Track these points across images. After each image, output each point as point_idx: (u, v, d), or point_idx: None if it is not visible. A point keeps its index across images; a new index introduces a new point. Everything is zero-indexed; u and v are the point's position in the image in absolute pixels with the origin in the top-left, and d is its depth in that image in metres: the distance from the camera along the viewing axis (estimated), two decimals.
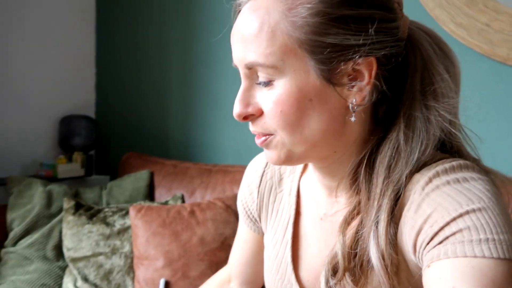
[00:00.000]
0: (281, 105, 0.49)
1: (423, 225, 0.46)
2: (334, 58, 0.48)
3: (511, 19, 1.25)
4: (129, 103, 2.03)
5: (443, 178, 0.47)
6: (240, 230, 0.76)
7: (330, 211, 0.59)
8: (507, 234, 0.43)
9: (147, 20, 1.95)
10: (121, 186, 1.65)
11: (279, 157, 0.53)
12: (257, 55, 0.49)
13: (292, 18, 0.47)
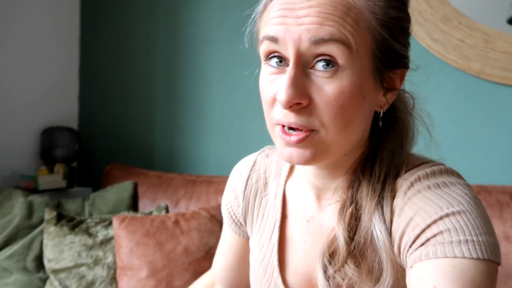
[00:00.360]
0: (343, 97, 0.47)
1: (406, 228, 0.48)
2: (390, 63, 0.50)
3: (483, 36, 1.32)
4: (112, 114, 2.02)
5: (424, 183, 0.50)
6: (224, 234, 0.76)
7: (318, 213, 0.60)
8: (486, 236, 0.45)
9: (131, 31, 1.97)
10: (104, 197, 1.63)
11: (313, 155, 0.50)
12: (340, 32, 0.46)
13: (376, 14, 0.48)
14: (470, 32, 1.34)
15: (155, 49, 1.91)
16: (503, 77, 1.30)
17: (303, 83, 0.48)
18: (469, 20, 1.34)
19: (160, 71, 1.90)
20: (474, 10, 1.34)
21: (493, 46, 1.31)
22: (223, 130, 1.76)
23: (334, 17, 0.46)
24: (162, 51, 1.89)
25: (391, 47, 0.49)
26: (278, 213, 0.64)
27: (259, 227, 0.67)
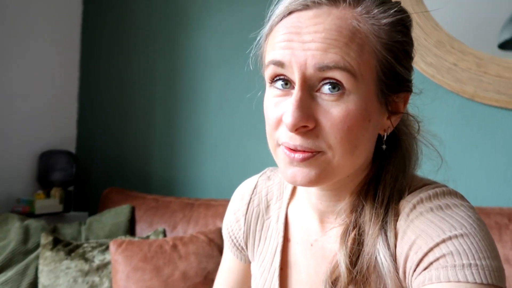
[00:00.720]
0: (349, 120, 0.47)
1: (409, 252, 0.48)
2: (394, 87, 0.51)
3: (475, 60, 1.35)
4: (111, 138, 2.03)
5: (426, 205, 0.49)
6: (225, 258, 0.75)
7: (321, 237, 0.59)
8: (490, 260, 0.44)
9: (131, 56, 1.99)
10: (101, 221, 1.61)
11: (318, 176, 0.49)
12: (345, 59, 0.46)
13: (381, 38, 0.48)
14: (463, 56, 1.37)
15: (154, 73, 1.93)
16: (497, 99, 1.33)
17: (309, 106, 0.48)
18: (461, 44, 1.37)
19: (159, 94, 1.92)
20: (466, 35, 1.37)
21: (486, 69, 1.34)
22: (221, 153, 1.77)
23: (339, 43, 0.46)
24: (162, 75, 1.92)
25: (396, 70, 0.50)
26: (280, 237, 0.63)
27: (261, 251, 0.66)
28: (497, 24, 1.34)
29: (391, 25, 0.50)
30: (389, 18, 0.49)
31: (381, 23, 0.49)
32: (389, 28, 0.49)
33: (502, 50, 1.33)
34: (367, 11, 0.49)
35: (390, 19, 0.49)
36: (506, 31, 1.33)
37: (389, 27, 0.49)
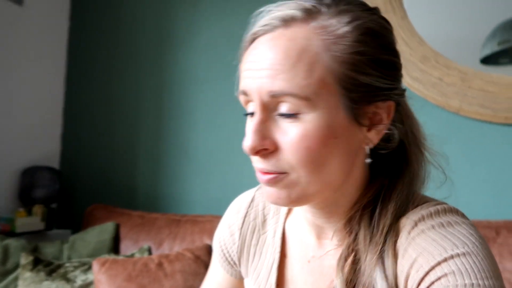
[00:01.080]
0: (308, 140, 0.47)
1: (410, 270, 0.46)
2: (365, 98, 0.48)
3: (460, 74, 1.37)
4: (96, 153, 1.99)
5: (428, 223, 0.48)
6: (212, 273, 0.73)
7: (319, 253, 0.58)
8: (492, 280, 0.43)
9: (118, 71, 1.98)
10: (84, 239, 1.57)
11: (288, 198, 0.50)
12: (291, 85, 0.46)
13: (334, 52, 0.47)
14: (448, 71, 1.39)
15: (141, 89, 1.92)
16: (481, 113, 1.34)
17: (269, 128, 0.48)
18: (446, 60, 1.39)
19: (145, 110, 1.90)
20: (450, 51, 1.40)
21: (470, 84, 1.36)
22: (208, 169, 1.75)
23: (285, 67, 0.46)
24: (149, 90, 1.90)
25: (360, 82, 0.47)
26: (277, 252, 0.62)
27: (255, 267, 0.65)
28: (480, 40, 1.36)
29: (349, 35, 0.47)
30: (346, 27, 0.47)
31: (336, 35, 0.47)
32: (346, 39, 0.47)
33: (484, 65, 1.35)
34: (321, 25, 0.48)
35: (347, 29, 0.47)
36: (487, 47, 1.36)
37: (346, 38, 0.47)
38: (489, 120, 1.34)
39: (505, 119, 1.32)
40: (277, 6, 0.50)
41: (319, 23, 0.48)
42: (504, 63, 1.36)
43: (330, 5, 0.49)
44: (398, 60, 0.52)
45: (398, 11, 1.46)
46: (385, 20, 0.52)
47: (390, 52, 0.50)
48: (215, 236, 0.71)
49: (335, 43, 0.47)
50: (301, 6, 0.49)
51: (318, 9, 0.49)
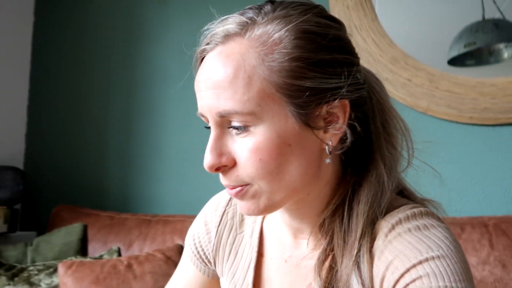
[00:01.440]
0: (260, 152, 0.47)
1: (386, 272, 0.47)
2: (312, 101, 0.47)
3: (428, 75, 1.41)
4: (62, 152, 1.93)
5: (404, 226, 0.49)
6: (182, 270, 0.71)
7: (296, 253, 0.58)
8: (465, 283, 0.44)
9: (86, 68, 1.92)
10: (49, 241, 1.51)
11: (258, 207, 0.51)
12: (233, 103, 0.47)
13: (270, 63, 0.46)
14: (416, 72, 1.42)
15: (110, 86, 1.87)
16: (448, 113, 1.38)
17: (225, 144, 0.49)
18: (414, 61, 1.43)
19: (115, 108, 1.86)
20: (419, 52, 1.43)
21: (437, 85, 1.40)
22: (180, 168, 1.72)
23: (225, 85, 0.47)
24: (118, 88, 1.86)
25: (302, 87, 0.47)
26: (254, 252, 0.61)
27: (231, 266, 0.64)
28: (448, 42, 1.41)
29: (284, 42, 0.47)
30: (280, 34, 0.47)
31: (271, 43, 0.47)
32: (281, 46, 0.46)
33: (451, 66, 1.40)
34: (256, 35, 0.47)
35: (281, 35, 0.47)
36: (454, 48, 1.40)
37: (281, 45, 0.47)
38: (455, 120, 1.38)
39: (470, 119, 1.37)
40: (219, 22, 0.50)
41: (254, 34, 0.47)
42: (469, 65, 1.40)
43: (268, 12, 0.49)
44: (347, 55, 0.50)
45: (369, 12, 1.49)
46: (327, 18, 0.50)
47: (334, 49, 0.49)
48: (188, 233, 0.70)
49: (270, 52, 0.47)
50: (238, 20, 0.49)
51: (254, 20, 0.48)
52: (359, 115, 0.52)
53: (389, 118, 0.55)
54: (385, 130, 0.54)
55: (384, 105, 0.55)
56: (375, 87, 0.55)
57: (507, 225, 1.13)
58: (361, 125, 0.52)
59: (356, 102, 0.51)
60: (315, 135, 0.49)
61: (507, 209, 1.30)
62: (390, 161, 0.53)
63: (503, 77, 1.36)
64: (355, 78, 0.50)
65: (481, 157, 1.37)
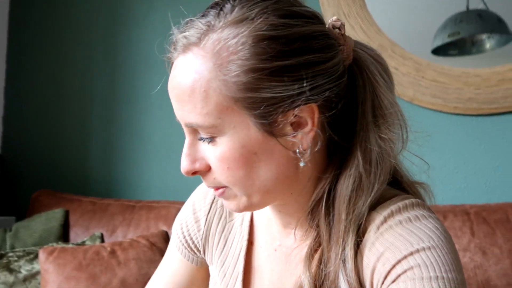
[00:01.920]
0: (226, 161, 0.47)
1: (376, 264, 0.47)
2: (272, 111, 0.46)
3: (415, 65, 1.42)
4: (42, 136, 1.88)
5: (396, 218, 0.49)
6: (168, 259, 0.70)
7: (285, 242, 0.58)
8: (455, 273, 0.45)
9: (66, 49, 1.86)
10: (29, 227, 1.48)
11: (238, 207, 0.52)
12: (194, 117, 0.47)
13: (223, 76, 0.45)
14: (403, 61, 1.43)
15: (91, 69, 1.82)
16: (433, 103, 1.40)
17: (199, 150, 0.50)
18: (402, 50, 1.43)
19: (97, 91, 1.81)
20: (406, 41, 1.43)
21: (423, 74, 1.41)
22: (164, 153, 1.70)
23: (185, 99, 0.47)
24: (100, 71, 1.81)
25: (260, 98, 0.45)
26: (245, 240, 0.61)
27: (220, 254, 0.63)
28: (433, 31, 1.41)
29: (239, 51, 0.44)
30: (235, 41, 0.45)
31: (226, 53, 0.45)
32: (236, 57, 0.44)
33: (435, 55, 1.41)
34: (212, 44, 0.45)
35: (236, 42, 0.44)
36: (438, 38, 1.41)
37: (237, 55, 0.45)
38: (439, 110, 1.40)
39: (454, 108, 1.39)
40: (183, 26, 0.49)
41: (210, 43, 0.46)
42: (453, 55, 1.42)
43: (226, 13, 0.46)
44: (313, 55, 0.46)
45: (358, 0, 1.48)
46: (289, 14, 0.46)
47: (294, 53, 0.45)
48: (176, 221, 0.69)
49: (225, 63, 0.45)
50: (197, 25, 0.47)
51: (211, 26, 0.46)
52: (343, 108, 0.49)
53: (382, 106, 0.51)
54: (376, 119, 0.51)
55: (376, 90, 0.51)
56: (371, 68, 0.51)
57: (488, 213, 1.16)
58: (349, 115, 0.50)
59: (331, 100, 0.48)
60: (290, 138, 0.47)
61: (488, 198, 1.33)
62: (376, 155, 0.50)
63: (488, 67, 1.38)
64: (326, 76, 0.47)
65: (464, 146, 1.40)
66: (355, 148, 0.50)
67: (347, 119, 0.51)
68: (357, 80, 0.51)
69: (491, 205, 1.21)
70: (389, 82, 0.53)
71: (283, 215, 0.57)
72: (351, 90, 0.51)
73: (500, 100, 1.36)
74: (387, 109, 0.50)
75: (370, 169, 0.49)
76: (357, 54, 0.52)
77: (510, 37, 1.35)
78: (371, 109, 0.50)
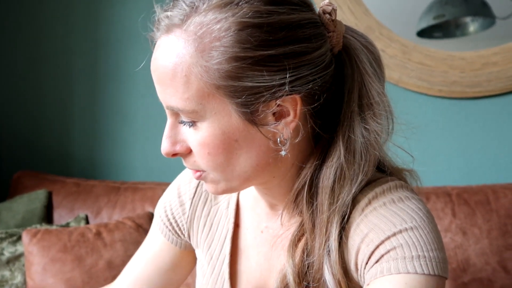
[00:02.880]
0: (206, 147, 0.47)
1: (361, 245, 0.48)
2: (254, 100, 0.45)
3: (402, 47, 1.42)
4: (23, 115, 1.82)
5: (380, 200, 0.49)
6: (150, 242, 0.69)
7: (272, 225, 0.58)
8: (437, 251, 0.46)
9: (45, 24, 1.79)
10: (11, 209, 1.45)
11: (216, 190, 0.52)
12: (175, 100, 0.46)
13: (205, 62, 0.44)
14: (390, 43, 1.42)
15: (73, 46, 1.76)
16: (419, 86, 1.41)
17: (179, 133, 0.50)
18: (389, 31, 1.43)
19: (79, 69, 1.75)
20: (394, 23, 1.43)
21: (410, 57, 1.41)
22: (149, 133, 1.68)
23: (166, 82, 0.46)
24: (82, 47, 1.75)
25: (242, 87, 0.44)
26: (231, 223, 0.61)
27: (206, 237, 0.63)
28: (419, 14, 1.41)
29: (222, 37, 0.43)
30: (219, 26, 0.43)
31: (209, 38, 0.43)
32: (220, 43, 0.43)
33: (420, 38, 1.41)
34: (195, 28, 0.44)
35: (220, 27, 0.43)
36: (423, 20, 1.41)
37: (220, 41, 0.43)
38: (425, 93, 1.41)
39: (439, 91, 1.40)
40: (165, 5, 0.48)
41: (193, 26, 0.44)
42: (437, 37, 1.42)
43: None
44: (297, 44, 0.44)
45: None
46: (277, 1, 0.45)
47: (277, 42, 0.44)
48: (159, 204, 0.68)
49: (207, 49, 0.44)
50: (181, 6, 0.45)
51: (195, 7, 0.44)
52: (323, 99, 0.48)
53: (369, 96, 0.50)
54: (361, 109, 0.49)
55: (365, 80, 0.50)
56: (360, 56, 0.50)
57: (469, 195, 1.19)
58: (335, 104, 0.49)
59: (315, 91, 0.47)
60: (266, 128, 0.47)
61: (469, 180, 1.37)
62: (360, 145, 0.49)
63: (472, 51, 1.39)
64: (311, 66, 0.46)
65: (447, 129, 1.42)
66: (338, 138, 0.49)
67: (332, 108, 0.50)
68: (345, 69, 0.50)
69: (472, 187, 1.24)
70: (379, 72, 0.52)
71: (268, 197, 0.57)
72: (339, 79, 0.50)
73: (483, 84, 1.38)
74: (373, 99, 0.49)
75: (353, 160, 0.49)
76: (348, 41, 0.50)
77: (494, 20, 1.36)
78: (357, 98, 0.49)
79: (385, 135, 0.52)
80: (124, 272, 0.70)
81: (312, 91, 0.47)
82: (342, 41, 0.50)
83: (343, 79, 0.50)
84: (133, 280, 0.67)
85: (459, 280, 1.10)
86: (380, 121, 0.50)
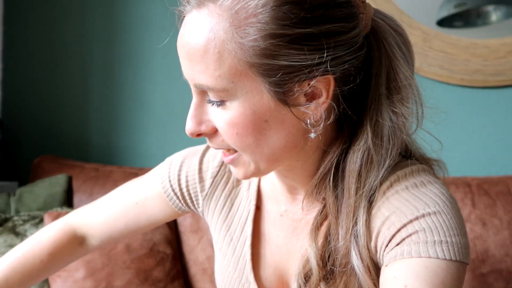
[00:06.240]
0: (235, 127, 0.46)
1: (381, 227, 0.48)
2: (288, 80, 0.44)
3: (423, 34, 1.39)
4: (42, 101, 1.85)
5: (402, 184, 0.49)
6: (145, 188, 0.68)
7: (291, 208, 0.58)
8: (459, 237, 0.45)
9: (64, 12, 1.81)
10: (33, 192, 1.49)
11: (245, 174, 0.52)
12: (205, 78, 0.45)
13: (240, 39, 0.43)
14: (411, 30, 1.40)
15: (91, 31, 1.77)
16: (440, 74, 1.38)
17: (206, 112, 0.48)
18: (410, 19, 1.40)
19: (97, 55, 1.77)
20: (415, 10, 1.40)
21: (431, 45, 1.38)
22: (166, 120, 1.69)
23: (197, 58, 0.45)
24: (99, 33, 1.76)
25: (277, 65, 0.43)
26: (252, 205, 0.61)
27: (226, 218, 0.64)
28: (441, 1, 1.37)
29: (260, 13, 0.42)
30: (255, 2, 0.42)
31: (245, 14, 0.42)
32: (256, 19, 0.42)
33: (440, 27, 1.37)
34: (228, 3, 0.43)
35: (256, 4, 0.42)
36: (444, 8, 1.37)
37: (257, 17, 0.42)
38: (446, 81, 1.39)
39: (461, 80, 1.37)
40: None
41: (228, 1, 0.43)
42: (458, 27, 1.39)
43: None
44: (334, 24, 0.44)
45: None
46: None
47: (315, 21, 0.43)
48: (173, 167, 0.67)
49: (242, 26, 0.43)
50: None
51: None
52: (357, 81, 0.48)
53: (397, 79, 0.50)
54: (389, 92, 0.50)
55: (393, 63, 0.50)
56: (388, 39, 0.50)
57: (489, 185, 1.17)
58: (362, 87, 0.49)
59: (349, 72, 0.47)
60: (303, 108, 0.47)
61: (490, 170, 1.34)
62: (388, 129, 0.49)
63: (497, 38, 1.35)
64: (346, 47, 0.45)
65: (468, 119, 1.40)
66: (366, 122, 0.49)
67: (360, 92, 0.50)
68: (373, 52, 0.50)
69: (492, 178, 1.22)
70: (408, 56, 0.52)
71: (288, 181, 0.57)
72: (367, 62, 0.50)
73: (507, 72, 1.35)
74: (401, 83, 0.49)
75: (381, 143, 0.49)
76: (376, 24, 0.50)
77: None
78: (385, 82, 0.49)
79: (413, 120, 0.51)
80: (99, 208, 0.70)
81: (345, 73, 0.47)
82: (370, 23, 0.49)
83: (371, 62, 0.50)
84: (112, 220, 0.68)
85: (478, 271, 1.09)
86: (408, 104, 0.50)
